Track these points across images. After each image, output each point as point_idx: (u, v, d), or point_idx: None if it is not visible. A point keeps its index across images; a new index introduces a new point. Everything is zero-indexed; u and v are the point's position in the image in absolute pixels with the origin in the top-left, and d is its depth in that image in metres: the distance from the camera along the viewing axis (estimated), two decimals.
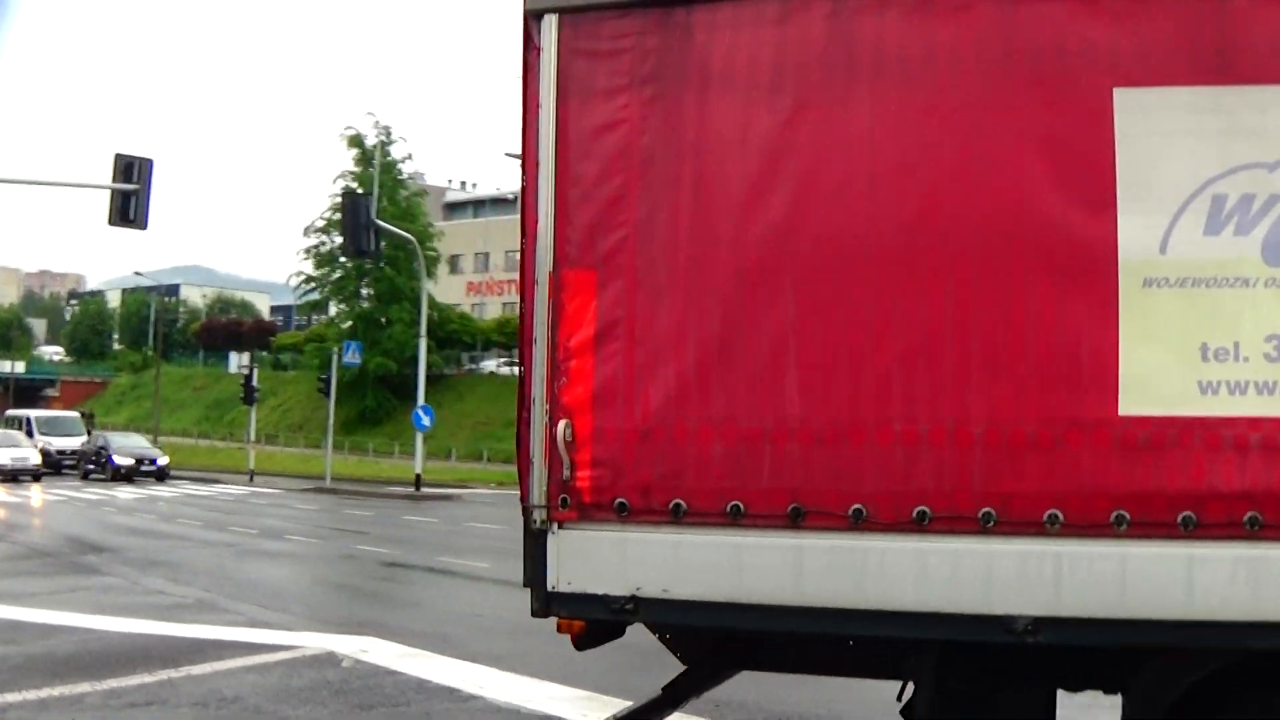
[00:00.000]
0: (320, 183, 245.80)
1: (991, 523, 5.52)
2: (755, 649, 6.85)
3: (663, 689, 7.15)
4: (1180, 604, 5.27)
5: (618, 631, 6.55)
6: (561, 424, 6.05)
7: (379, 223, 43.72)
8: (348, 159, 74.12)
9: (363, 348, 59.56)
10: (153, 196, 29.02)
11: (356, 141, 70.73)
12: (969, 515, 5.56)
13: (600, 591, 6.03)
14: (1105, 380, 5.45)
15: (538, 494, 6.13)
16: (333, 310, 76.55)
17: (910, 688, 6.68)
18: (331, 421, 53.30)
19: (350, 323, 71.80)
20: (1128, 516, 5.33)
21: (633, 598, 5.97)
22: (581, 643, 6.60)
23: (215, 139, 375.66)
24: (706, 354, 5.98)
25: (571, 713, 10.42)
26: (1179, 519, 5.27)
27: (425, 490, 45.41)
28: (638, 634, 14.06)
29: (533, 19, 6.27)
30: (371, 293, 71.72)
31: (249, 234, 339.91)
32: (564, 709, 10.59)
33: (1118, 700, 6.32)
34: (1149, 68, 5.51)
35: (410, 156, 75.56)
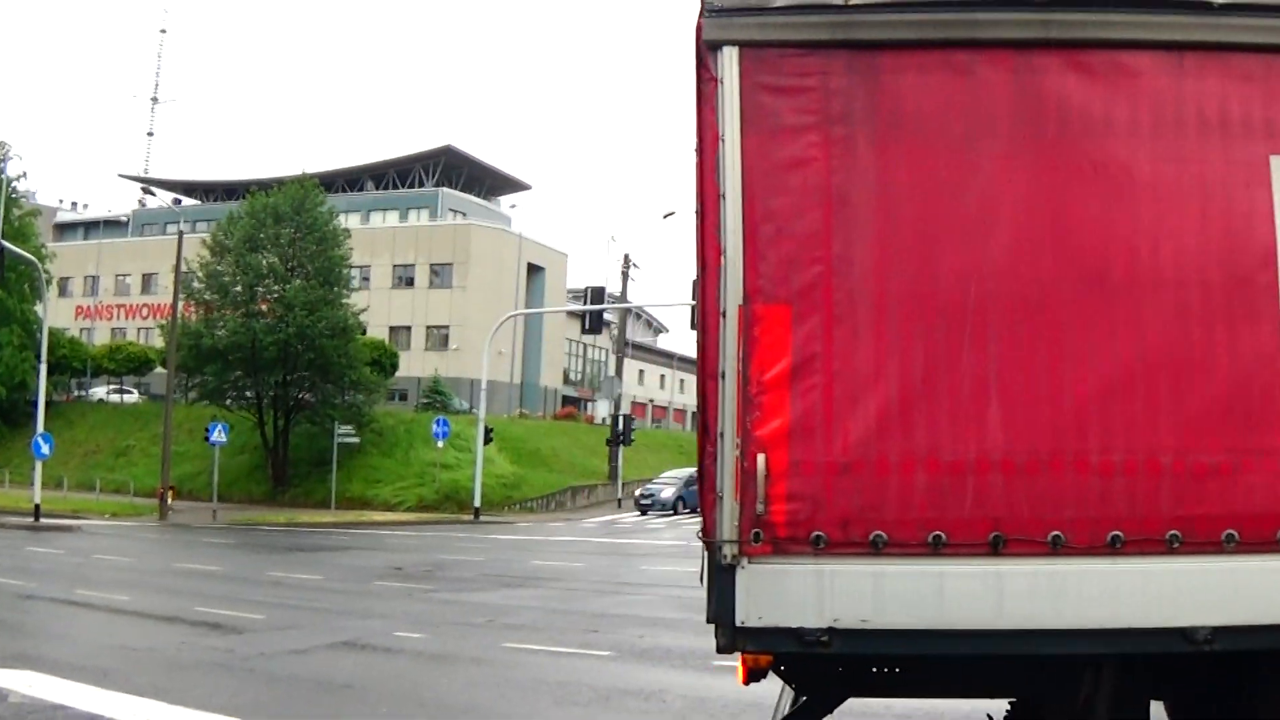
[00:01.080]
0: None
1: (1177, 544, 5.86)
2: (880, 675, 6.71)
3: None
4: None
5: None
6: (760, 458, 5.96)
7: (5, 244, 41.79)
8: None
9: None
10: None
11: None
12: (1158, 537, 5.88)
13: (794, 625, 5.92)
14: (1274, 413, 5.94)
15: (728, 529, 5.97)
16: None
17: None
18: None
19: None
20: None
21: (829, 629, 5.90)
22: (753, 676, 6.45)
23: None
24: (909, 389, 6.00)
25: None
26: None
27: (44, 521, 43.25)
28: (290, 666, 14.50)
29: (709, 50, 6.19)
30: None
31: None
32: None
33: None
34: None
35: (25, 174, 72.19)
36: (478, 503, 51.08)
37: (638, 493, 57.90)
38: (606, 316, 68.42)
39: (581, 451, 67.18)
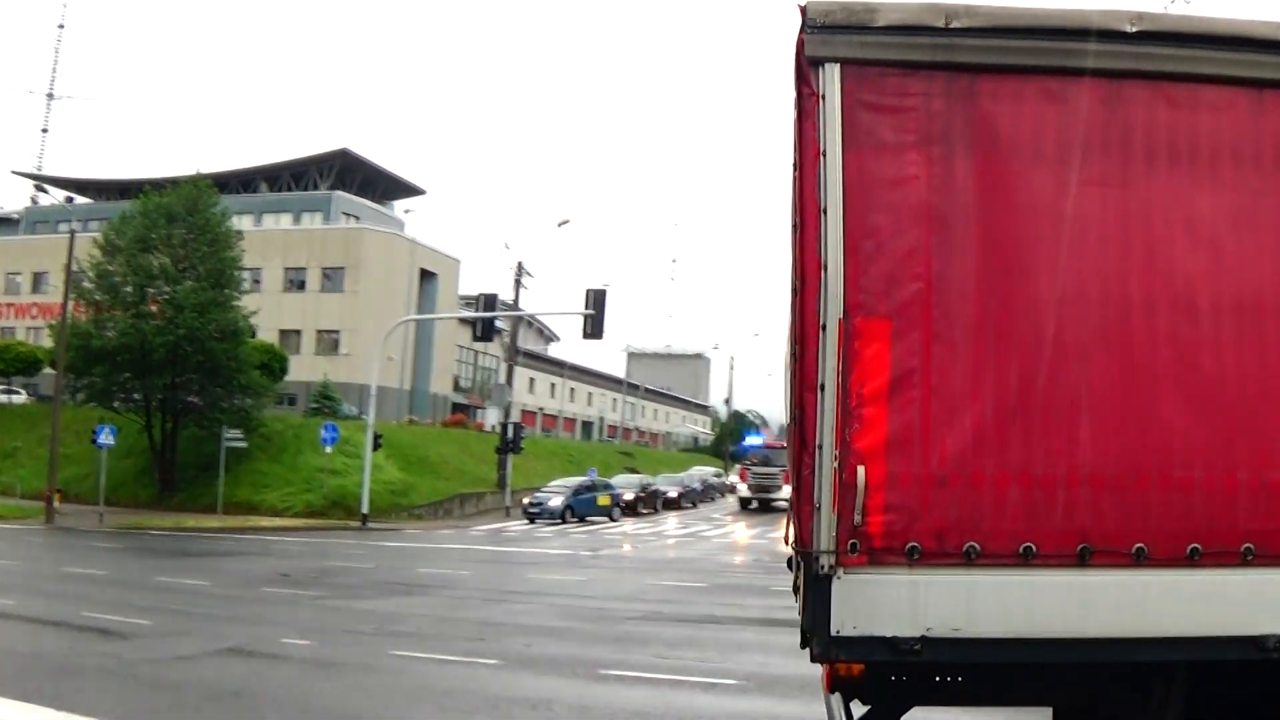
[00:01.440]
0: None
1: (1251, 556, 6.08)
2: (943, 684, 6.81)
3: None
4: None
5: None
6: (860, 470, 6.03)
7: None
8: None
9: None
10: None
11: None
12: (1233, 550, 6.09)
13: (888, 634, 6.01)
14: None
15: (825, 539, 6.03)
16: None
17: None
18: None
19: None
20: None
21: (922, 638, 5.99)
22: (837, 686, 6.53)
23: None
24: (1004, 405, 6.13)
25: None
26: None
27: None
28: (177, 672, 14.42)
29: (811, 66, 6.27)
30: None
31: None
32: None
33: None
34: None
35: None
36: (365, 509, 50.71)
37: (526, 501, 57.85)
38: (498, 324, 68.36)
39: (470, 459, 66.99)
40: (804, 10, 6.31)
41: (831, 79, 6.25)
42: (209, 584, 26.19)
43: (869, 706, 6.93)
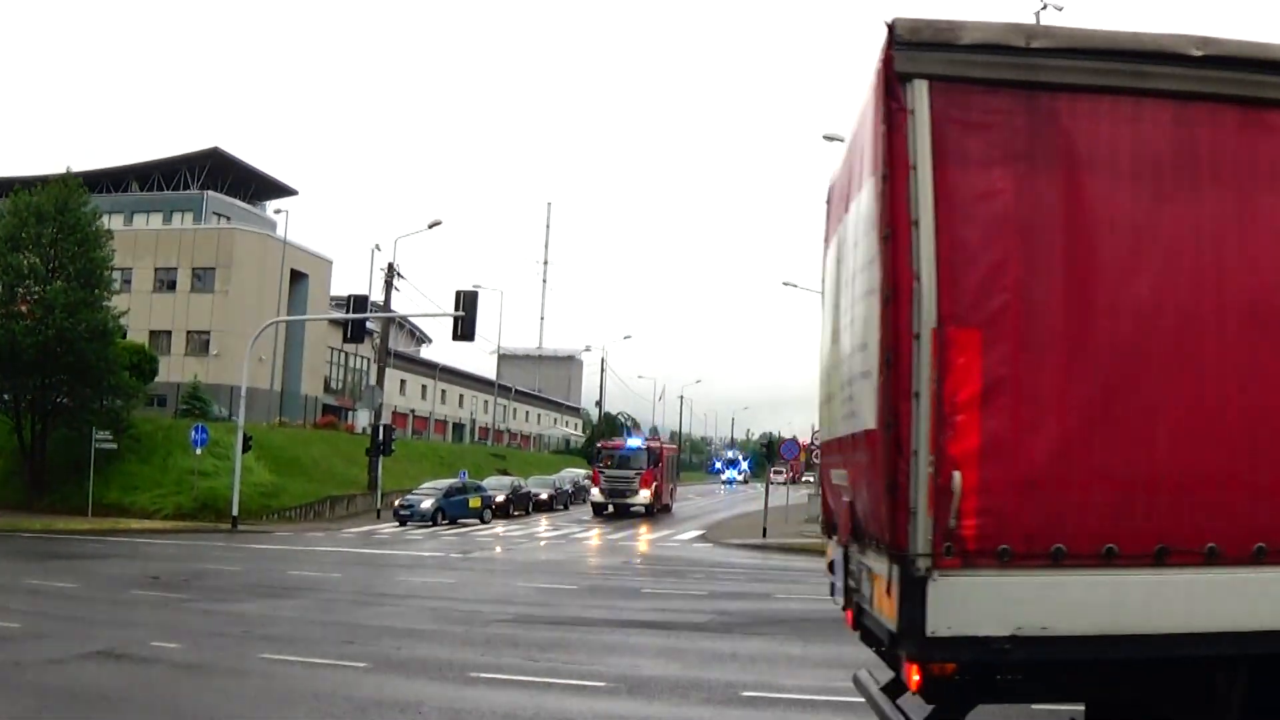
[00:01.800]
0: None
1: None
2: (1005, 681, 6.86)
3: None
4: None
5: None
6: (955, 475, 6.20)
7: None
8: None
9: None
10: None
11: None
12: None
13: (980, 634, 6.18)
14: None
15: (921, 543, 6.19)
16: None
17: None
18: None
19: None
20: None
21: (1012, 637, 6.17)
22: (929, 685, 6.59)
23: None
24: (1089, 412, 6.35)
25: None
26: None
27: None
28: (44, 675, 14.21)
29: (900, 81, 6.44)
30: None
31: None
32: None
33: None
34: None
35: None
36: (236, 511, 50.14)
37: (397, 503, 57.41)
38: (369, 325, 67.82)
39: (341, 461, 66.41)
40: (891, 27, 6.51)
41: (920, 95, 6.43)
42: (78, 587, 25.84)
43: (933, 706, 7.05)
